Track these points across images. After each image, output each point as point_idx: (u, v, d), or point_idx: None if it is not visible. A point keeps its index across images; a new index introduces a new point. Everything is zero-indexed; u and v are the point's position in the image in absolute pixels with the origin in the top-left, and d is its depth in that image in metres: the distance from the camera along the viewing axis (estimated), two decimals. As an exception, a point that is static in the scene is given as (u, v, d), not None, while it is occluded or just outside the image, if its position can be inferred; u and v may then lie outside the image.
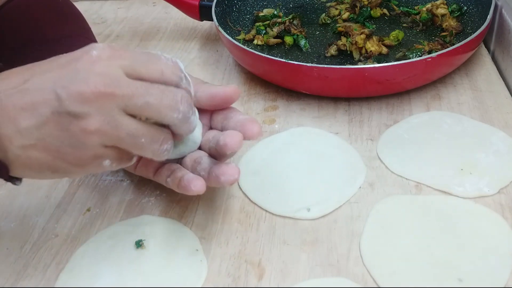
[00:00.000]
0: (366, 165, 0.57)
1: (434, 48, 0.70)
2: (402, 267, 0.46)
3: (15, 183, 0.44)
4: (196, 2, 0.80)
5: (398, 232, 0.49)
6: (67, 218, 0.54)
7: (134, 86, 0.40)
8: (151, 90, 0.41)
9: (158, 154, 0.44)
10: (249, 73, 0.73)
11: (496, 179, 0.54)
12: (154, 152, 0.43)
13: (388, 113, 0.64)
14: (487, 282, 0.44)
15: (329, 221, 0.51)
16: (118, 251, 0.50)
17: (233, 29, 0.80)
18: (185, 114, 0.43)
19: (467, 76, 0.70)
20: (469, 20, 0.77)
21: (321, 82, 0.64)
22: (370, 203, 0.53)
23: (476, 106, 0.64)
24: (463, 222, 0.50)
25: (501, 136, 0.59)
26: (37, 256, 0.50)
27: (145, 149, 0.43)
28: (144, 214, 0.54)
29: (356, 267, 0.47)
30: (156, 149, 0.43)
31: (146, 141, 0.42)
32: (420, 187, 0.54)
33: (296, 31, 0.77)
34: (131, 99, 0.40)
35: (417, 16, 0.78)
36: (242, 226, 0.52)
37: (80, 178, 0.59)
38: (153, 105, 0.41)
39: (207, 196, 0.55)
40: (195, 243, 0.50)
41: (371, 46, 0.71)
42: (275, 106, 0.68)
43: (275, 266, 0.48)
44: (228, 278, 0.47)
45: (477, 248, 0.47)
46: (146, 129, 0.42)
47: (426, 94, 0.67)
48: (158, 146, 0.43)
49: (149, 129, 0.42)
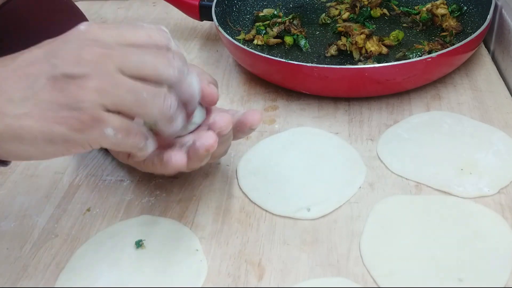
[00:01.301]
0: (366, 165, 0.57)
1: (434, 48, 0.70)
2: (402, 267, 0.46)
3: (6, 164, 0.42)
4: (196, 2, 0.79)
5: (398, 232, 0.49)
6: (67, 218, 0.54)
7: (127, 48, 0.40)
8: (144, 51, 0.41)
9: (165, 110, 0.42)
10: (249, 73, 0.73)
11: (496, 179, 0.54)
12: (160, 108, 0.41)
13: (388, 113, 0.64)
14: (487, 282, 0.44)
15: (329, 221, 0.51)
16: (118, 251, 0.50)
17: (233, 29, 0.80)
18: (180, 70, 0.42)
19: (467, 76, 0.70)
20: (469, 20, 0.77)
21: (321, 82, 0.64)
22: (370, 203, 0.53)
23: (476, 106, 0.64)
24: (463, 222, 0.50)
25: (501, 136, 0.59)
26: (37, 256, 0.50)
27: (149, 105, 0.41)
28: (144, 214, 0.54)
29: (356, 267, 0.47)
30: (160, 104, 0.41)
31: (148, 96, 0.40)
32: (420, 187, 0.54)
33: (296, 31, 0.77)
34: (127, 58, 0.40)
35: (417, 16, 0.78)
36: (242, 226, 0.52)
37: (80, 178, 0.59)
38: (149, 63, 0.40)
39: (207, 196, 0.55)
40: (195, 243, 0.50)
41: (371, 46, 0.71)
42: (275, 106, 0.68)
43: (275, 266, 0.48)
44: (228, 278, 0.47)
45: (477, 248, 0.47)
46: (146, 86, 0.40)
47: (426, 94, 0.67)
48: (162, 101, 0.41)
49: (148, 86, 0.41)
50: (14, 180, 0.59)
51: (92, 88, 0.38)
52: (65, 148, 0.40)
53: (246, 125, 0.48)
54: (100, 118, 0.39)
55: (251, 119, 0.48)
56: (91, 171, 0.60)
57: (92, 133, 0.39)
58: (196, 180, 0.57)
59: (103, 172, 0.59)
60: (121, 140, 0.41)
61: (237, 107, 0.68)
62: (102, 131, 0.40)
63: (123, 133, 0.41)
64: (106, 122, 0.39)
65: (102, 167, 0.60)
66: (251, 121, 0.48)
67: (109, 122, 0.40)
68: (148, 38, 0.41)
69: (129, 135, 0.41)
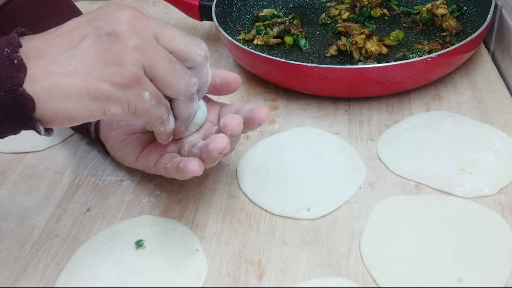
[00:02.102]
0: (366, 165, 0.57)
1: (434, 48, 0.70)
2: (402, 267, 0.46)
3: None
4: (196, 2, 0.79)
5: (398, 232, 0.49)
6: (67, 218, 0.54)
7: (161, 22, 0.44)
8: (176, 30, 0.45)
9: (189, 88, 0.45)
10: (249, 73, 0.73)
11: (496, 179, 0.54)
12: (186, 85, 0.45)
13: (388, 113, 0.64)
14: (487, 282, 0.44)
15: (329, 221, 0.51)
16: (118, 251, 0.50)
17: (233, 29, 0.80)
18: (205, 54, 0.46)
19: (467, 76, 0.70)
20: (469, 20, 0.77)
21: (321, 82, 0.64)
22: (370, 203, 0.53)
23: (476, 106, 0.64)
24: (463, 222, 0.50)
25: (501, 136, 0.59)
26: (37, 256, 0.50)
27: (180, 78, 0.44)
28: (144, 214, 0.54)
29: (356, 267, 0.47)
30: (187, 79, 0.45)
31: (180, 68, 0.44)
32: (420, 187, 0.54)
33: (296, 31, 0.77)
34: (163, 29, 0.43)
35: (417, 16, 0.78)
36: (242, 226, 0.52)
37: (80, 178, 0.59)
38: (181, 39, 0.44)
39: (207, 196, 0.55)
40: (195, 243, 0.50)
41: (371, 46, 0.71)
42: (275, 106, 0.68)
43: (275, 266, 0.48)
44: (228, 278, 0.47)
45: (477, 248, 0.47)
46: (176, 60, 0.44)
47: (426, 94, 0.67)
48: (189, 77, 0.45)
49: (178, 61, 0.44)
50: (14, 180, 0.59)
51: (134, 46, 0.41)
52: (107, 106, 0.42)
53: (255, 122, 0.48)
54: (140, 78, 0.42)
55: (259, 116, 0.48)
56: (91, 171, 0.60)
57: (132, 92, 0.42)
58: (196, 180, 0.57)
59: (103, 172, 0.59)
60: (153, 106, 0.44)
61: (237, 107, 0.68)
62: (140, 93, 0.42)
63: (156, 100, 0.44)
64: (144, 85, 0.42)
65: (102, 167, 0.60)
66: (259, 118, 0.48)
67: (147, 85, 0.43)
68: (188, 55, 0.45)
69: (159, 104, 0.44)
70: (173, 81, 0.44)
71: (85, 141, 0.64)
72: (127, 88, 0.42)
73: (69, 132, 0.65)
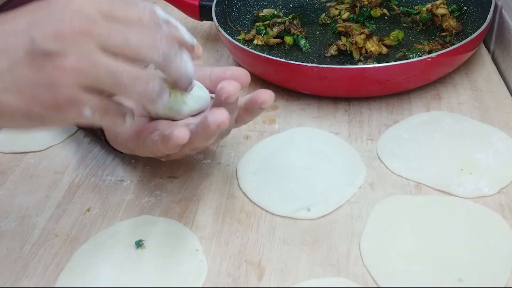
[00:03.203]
0: (366, 165, 0.57)
1: (434, 48, 0.70)
2: (402, 267, 0.46)
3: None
4: (196, 2, 0.79)
5: (398, 232, 0.49)
6: (67, 218, 0.54)
7: (112, 25, 0.39)
8: (130, 29, 0.39)
9: (146, 95, 0.40)
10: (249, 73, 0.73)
11: (496, 179, 0.54)
12: (141, 93, 0.40)
13: (388, 113, 0.64)
14: (487, 282, 0.44)
15: (329, 221, 0.51)
16: (118, 251, 0.50)
17: (233, 29, 0.80)
18: (165, 54, 0.40)
19: (467, 76, 0.70)
20: (469, 20, 0.77)
21: (321, 82, 0.64)
22: (370, 203, 0.53)
23: (476, 106, 0.64)
24: (463, 222, 0.50)
25: (501, 136, 0.59)
26: (37, 256, 0.50)
27: (129, 89, 0.39)
28: (144, 214, 0.54)
29: (356, 267, 0.47)
30: (141, 88, 0.40)
31: (128, 80, 0.39)
32: (420, 187, 0.54)
33: (296, 31, 0.77)
34: (110, 37, 0.38)
35: (417, 16, 0.78)
36: (242, 226, 0.52)
37: (80, 178, 0.59)
38: (132, 43, 0.39)
39: (207, 196, 0.55)
40: (195, 243, 0.50)
41: (371, 46, 0.71)
42: (275, 106, 0.68)
43: (275, 266, 0.48)
44: (228, 278, 0.47)
45: (477, 248, 0.47)
46: (127, 68, 0.39)
47: (426, 94, 0.67)
48: (144, 86, 0.40)
49: (130, 67, 0.39)
50: (14, 180, 0.59)
51: (69, 68, 0.37)
52: (42, 125, 0.40)
53: (257, 102, 0.46)
54: (77, 99, 0.38)
55: (262, 97, 0.46)
56: (91, 171, 0.60)
57: (69, 113, 0.39)
58: (196, 180, 0.57)
59: (103, 172, 0.59)
60: (98, 119, 0.40)
61: (237, 107, 0.68)
62: (79, 111, 0.39)
63: (101, 113, 0.40)
64: (83, 103, 0.39)
65: (102, 167, 0.60)
66: (262, 99, 0.46)
67: (87, 102, 0.39)
68: (138, 20, 0.40)
69: (106, 114, 0.41)
70: (120, 93, 0.40)
71: (85, 141, 0.64)
72: (62, 110, 0.38)
73: (69, 132, 0.65)
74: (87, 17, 0.38)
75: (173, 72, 0.42)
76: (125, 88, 0.39)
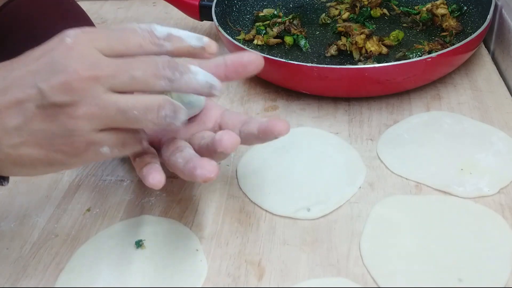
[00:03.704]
0: (366, 165, 0.57)
1: (434, 48, 0.70)
2: (402, 267, 0.46)
3: (2, 183, 0.43)
4: (196, 2, 0.80)
5: (398, 232, 0.49)
6: (67, 218, 0.54)
7: (115, 64, 0.39)
8: (133, 64, 0.39)
9: (160, 122, 0.40)
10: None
11: (496, 179, 0.54)
12: (154, 121, 0.40)
13: (388, 113, 0.64)
14: (487, 282, 0.44)
15: (329, 221, 0.51)
16: (118, 251, 0.50)
17: (233, 29, 0.80)
18: (171, 79, 0.40)
19: (467, 76, 0.70)
20: (469, 20, 0.77)
21: (321, 82, 0.64)
22: (370, 203, 0.53)
23: (476, 106, 0.64)
24: (463, 222, 0.50)
25: (501, 136, 0.59)
26: (37, 256, 0.50)
27: (142, 121, 0.40)
28: (144, 214, 0.54)
29: (356, 267, 0.47)
30: (154, 117, 0.40)
31: (139, 112, 0.40)
32: (420, 187, 0.54)
33: (296, 31, 0.77)
34: (116, 77, 0.39)
35: (417, 16, 0.78)
36: (242, 226, 0.52)
37: (80, 178, 0.59)
38: (139, 78, 0.39)
39: (207, 196, 0.55)
40: (195, 243, 0.50)
41: (371, 46, 0.71)
42: (275, 106, 0.68)
43: (275, 266, 0.48)
44: (228, 278, 0.47)
45: (477, 248, 0.47)
46: (137, 100, 0.39)
47: (426, 94, 0.67)
48: (156, 114, 0.40)
49: (139, 99, 0.40)
50: (14, 180, 0.59)
51: (82, 116, 0.38)
52: (64, 168, 0.43)
53: (273, 132, 0.44)
54: (94, 141, 0.40)
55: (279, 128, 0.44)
56: (91, 171, 0.60)
57: (88, 155, 0.41)
58: (196, 180, 0.57)
59: (103, 172, 0.59)
60: (117, 153, 0.42)
61: (237, 107, 0.68)
62: (97, 151, 0.41)
63: (119, 147, 0.41)
64: (100, 143, 0.40)
65: (102, 167, 0.60)
66: (279, 130, 0.44)
67: (104, 141, 0.40)
68: (139, 48, 0.40)
69: (125, 147, 0.42)
70: (135, 126, 0.41)
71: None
72: (81, 154, 0.40)
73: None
74: (90, 61, 0.38)
75: (184, 90, 0.42)
76: (138, 121, 0.40)
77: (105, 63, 0.39)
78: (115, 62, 0.39)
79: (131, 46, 0.40)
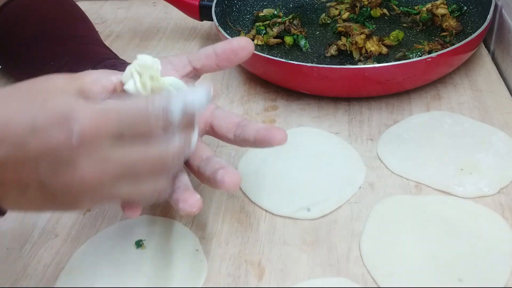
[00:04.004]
0: (366, 165, 0.57)
1: (434, 48, 0.70)
2: (402, 267, 0.46)
3: None
4: (196, 2, 0.80)
5: (398, 232, 0.49)
6: (67, 218, 0.54)
7: (124, 161, 0.37)
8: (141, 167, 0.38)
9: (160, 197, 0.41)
10: (249, 73, 0.73)
11: (496, 179, 0.54)
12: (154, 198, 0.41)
13: (388, 113, 0.64)
14: (487, 282, 0.44)
15: (329, 221, 0.51)
16: (118, 251, 0.50)
17: (233, 29, 0.80)
18: (180, 166, 0.41)
19: (467, 76, 0.70)
20: (469, 20, 0.77)
21: (321, 82, 0.64)
22: (370, 203, 0.53)
23: (476, 106, 0.64)
24: (463, 222, 0.50)
25: (501, 136, 0.59)
26: (37, 256, 0.50)
27: (144, 202, 0.42)
28: (144, 214, 0.54)
29: (356, 267, 0.47)
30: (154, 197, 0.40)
31: (139, 198, 0.40)
32: (420, 187, 0.54)
33: (296, 31, 0.77)
34: (122, 178, 0.37)
35: (417, 16, 0.78)
36: (242, 226, 0.52)
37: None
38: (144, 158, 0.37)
39: (207, 196, 0.55)
40: (195, 243, 0.50)
41: (371, 46, 0.71)
42: (275, 106, 0.68)
43: (275, 266, 0.48)
44: (228, 278, 0.47)
45: (477, 248, 0.47)
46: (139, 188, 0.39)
47: (426, 94, 0.67)
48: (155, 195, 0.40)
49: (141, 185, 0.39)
50: (14, 180, 0.59)
51: (89, 201, 0.38)
52: None
53: (270, 142, 0.44)
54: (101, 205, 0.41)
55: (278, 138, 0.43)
56: (91, 171, 0.60)
57: None
58: (196, 180, 0.57)
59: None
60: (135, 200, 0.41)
61: (237, 107, 0.68)
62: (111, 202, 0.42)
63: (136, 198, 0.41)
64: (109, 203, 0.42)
65: (102, 167, 0.60)
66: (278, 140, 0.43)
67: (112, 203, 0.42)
68: (148, 131, 0.37)
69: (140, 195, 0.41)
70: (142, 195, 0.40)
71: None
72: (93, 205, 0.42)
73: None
74: (100, 154, 0.36)
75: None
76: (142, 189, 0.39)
77: (112, 165, 0.36)
78: (123, 159, 0.37)
79: (142, 130, 0.37)
